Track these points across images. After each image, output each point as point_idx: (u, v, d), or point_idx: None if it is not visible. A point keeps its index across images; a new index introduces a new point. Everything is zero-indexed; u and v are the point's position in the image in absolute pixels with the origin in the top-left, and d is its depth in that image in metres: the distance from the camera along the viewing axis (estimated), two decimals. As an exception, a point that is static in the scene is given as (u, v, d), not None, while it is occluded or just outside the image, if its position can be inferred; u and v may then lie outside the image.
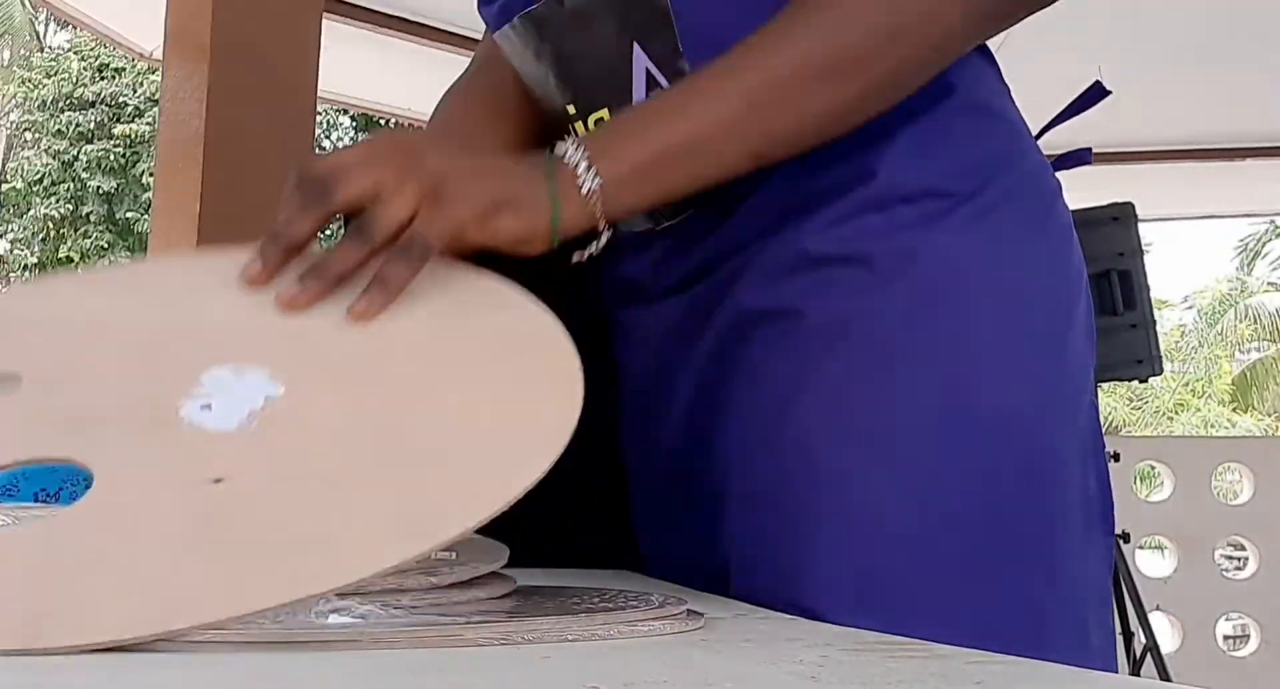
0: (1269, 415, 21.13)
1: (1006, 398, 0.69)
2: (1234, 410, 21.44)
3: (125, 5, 3.88)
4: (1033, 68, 0.94)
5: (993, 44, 0.94)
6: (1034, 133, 0.80)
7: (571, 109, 0.78)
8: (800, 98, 0.68)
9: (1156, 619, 3.49)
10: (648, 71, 0.74)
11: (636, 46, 0.74)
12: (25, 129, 16.56)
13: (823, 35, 0.67)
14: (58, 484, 0.62)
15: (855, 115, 0.69)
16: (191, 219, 2.60)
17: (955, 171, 0.71)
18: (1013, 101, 0.79)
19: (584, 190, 0.64)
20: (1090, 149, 0.94)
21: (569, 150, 0.65)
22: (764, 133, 0.68)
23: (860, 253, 0.70)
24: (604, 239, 0.68)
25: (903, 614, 0.63)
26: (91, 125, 15.25)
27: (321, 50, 2.86)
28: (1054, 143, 0.91)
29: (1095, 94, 0.88)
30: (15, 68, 17.07)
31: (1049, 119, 0.91)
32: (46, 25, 17.89)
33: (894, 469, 0.68)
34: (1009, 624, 0.66)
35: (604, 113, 0.76)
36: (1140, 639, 3.05)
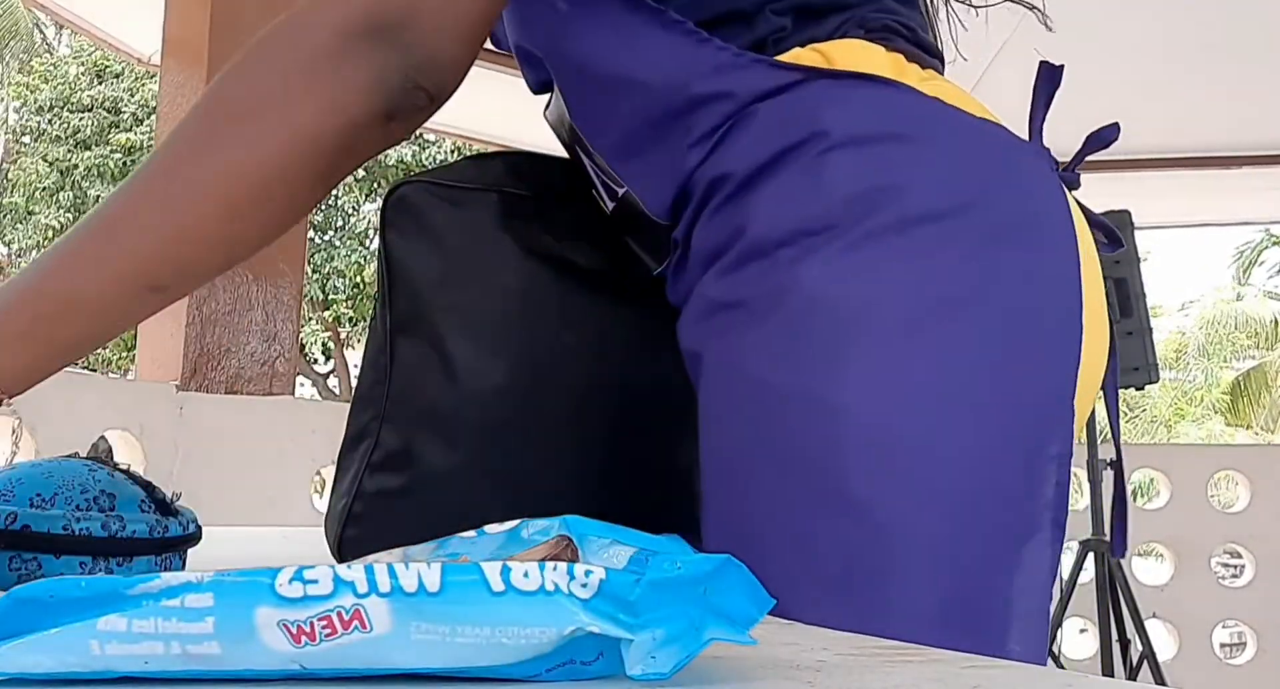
0: (1264, 430, 21.15)
1: (885, 417, 0.69)
2: (1228, 424, 21.46)
3: (123, 10, 3.89)
4: (1032, 75, 0.94)
5: (990, 50, 0.94)
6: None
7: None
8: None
9: (1153, 627, 3.49)
10: (588, 165, 0.83)
11: (576, 145, 0.84)
12: (23, 134, 16.56)
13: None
14: (53, 490, 0.62)
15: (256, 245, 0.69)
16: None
17: (829, 208, 0.71)
18: (932, 124, 0.75)
19: None
20: (1116, 126, 0.88)
21: None
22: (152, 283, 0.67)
23: (741, 297, 0.73)
24: None
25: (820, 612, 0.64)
26: (90, 131, 15.23)
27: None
28: (1054, 150, 0.90)
29: (1110, 133, 0.85)
30: (15, 72, 17.07)
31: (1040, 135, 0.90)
32: (60, 31, 17.90)
33: (772, 496, 0.70)
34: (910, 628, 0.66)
35: (591, 188, 0.85)
36: (1137, 647, 3.04)
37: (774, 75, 0.76)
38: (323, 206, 15.05)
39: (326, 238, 15.34)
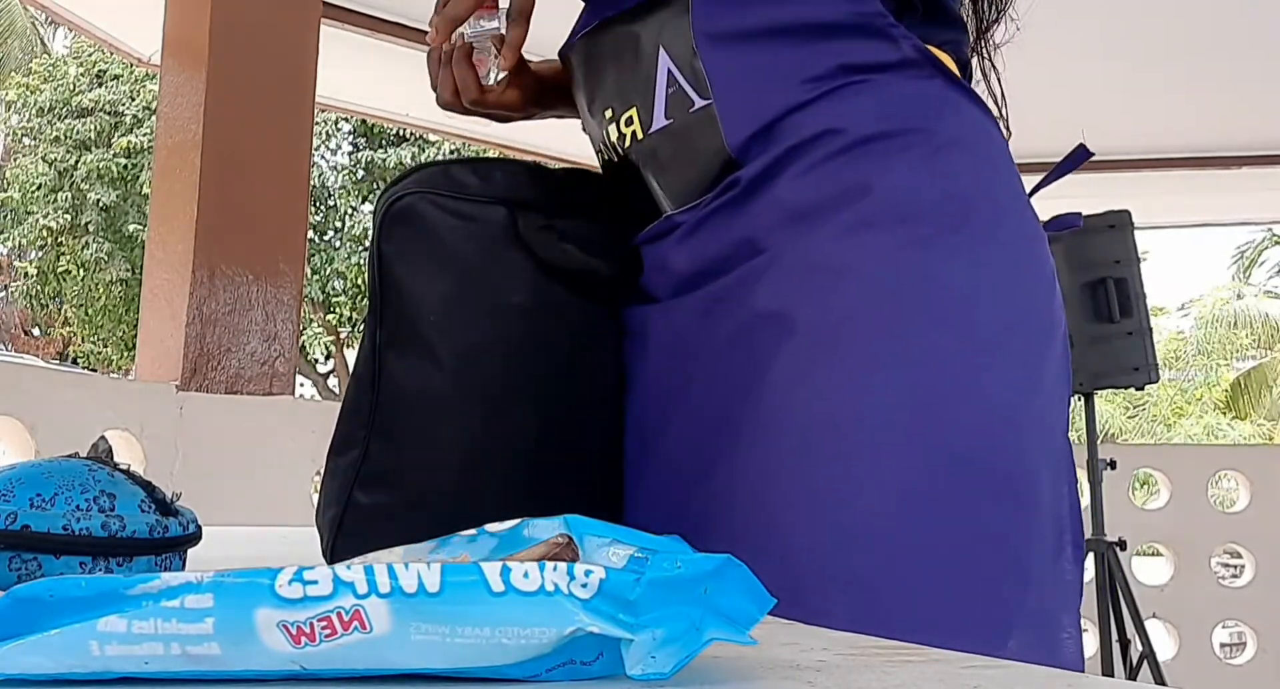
0: (1266, 420, 21.17)
1: (980, 414, 0.72)
2: (1231, 418, 21.46)
3: (123, 11, 3.89)
4: (1031, 72, 0.94)
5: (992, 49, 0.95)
6: (1011, 145, 0.85)
7: (609, 113, 0.87)
8: None
9: (1153, 627, 3.48)
10: (669, 71, 0.82)
11: (662, 50, 0.83)
12: (22, 135, 16.53)
13: None
14: (53, 490, 0.62)
15: None
16: (189, 224, 2.60)
17: (945, 199, 0.76)
18: (1006, 153, 0.83)
19: None
20: (1080, 214, 1.00)
21: None
22: None
23: (855, 266, 0.74)
24: None
25: (882, 618, 0.64)
26: (90, 134, 15.19)
27: (319, 56, 2.86)
28: (1051, 151, 0.91)
29: (1080, 156, 0.92)
30: (14, 73, 17.06)
31: (1050, 139, 0.93)
32: (56, 30, 17.89)
33: (872, 478, 0.70)
34: (980, 634, 0.67)
35: (634, 111, 0.84)
36: (1137, 647, 3.04)
37: (913, 52, 0.79)
38: (322, 208, 15.05)
39: (326, 239, 15.33)
